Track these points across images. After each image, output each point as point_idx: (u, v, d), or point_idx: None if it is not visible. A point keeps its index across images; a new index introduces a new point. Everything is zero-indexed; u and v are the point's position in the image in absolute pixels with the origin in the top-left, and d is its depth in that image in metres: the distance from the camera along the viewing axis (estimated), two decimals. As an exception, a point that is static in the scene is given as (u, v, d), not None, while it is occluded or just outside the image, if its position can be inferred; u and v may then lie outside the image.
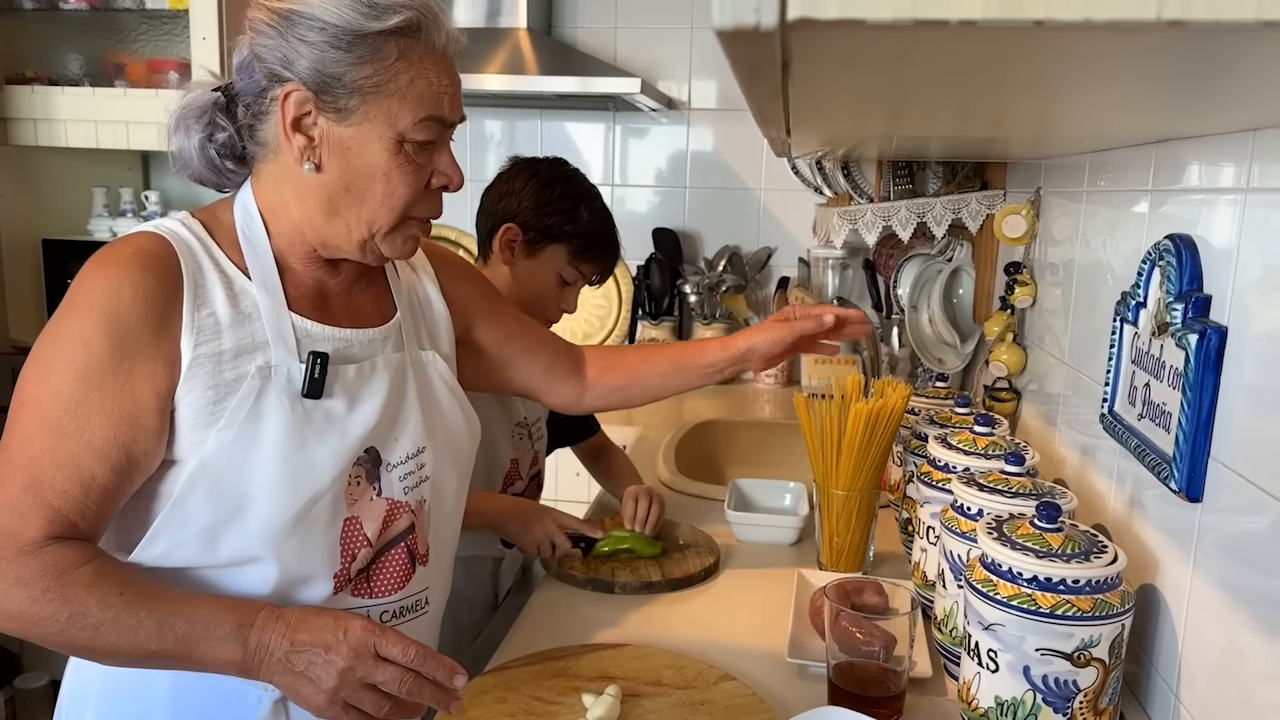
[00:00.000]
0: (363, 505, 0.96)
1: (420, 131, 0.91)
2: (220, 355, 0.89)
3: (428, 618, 1.05)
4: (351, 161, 0.91)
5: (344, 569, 0.95)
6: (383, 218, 0.93)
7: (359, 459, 0.95)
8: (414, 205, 0.94)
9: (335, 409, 0.94)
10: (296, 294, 0.97)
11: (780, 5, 0.37)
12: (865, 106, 0.81)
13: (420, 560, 1.02)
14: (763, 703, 1.01)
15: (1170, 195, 1.04)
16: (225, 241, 0.95)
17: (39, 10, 2.60)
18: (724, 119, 2.76)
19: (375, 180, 0.91)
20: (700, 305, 2.71)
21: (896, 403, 1.33)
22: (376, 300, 1.04)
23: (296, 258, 0.97)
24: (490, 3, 2.60)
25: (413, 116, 0.90)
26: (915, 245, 2.23)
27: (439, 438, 1.04)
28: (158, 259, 0.89)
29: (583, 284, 1.52)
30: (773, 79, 0.54)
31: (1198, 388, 0.87)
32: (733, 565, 1.42)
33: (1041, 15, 0.37)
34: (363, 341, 0.99)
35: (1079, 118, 0.86)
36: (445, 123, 0.93)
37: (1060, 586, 0.86)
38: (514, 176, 1.50)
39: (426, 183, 0.94)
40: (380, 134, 0.90)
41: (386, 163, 0.91)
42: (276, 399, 0.91)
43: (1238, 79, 0.55)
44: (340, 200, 0.92)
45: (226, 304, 0.91)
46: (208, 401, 0.88)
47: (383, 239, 0.95)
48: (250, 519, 0.90)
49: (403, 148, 0.91)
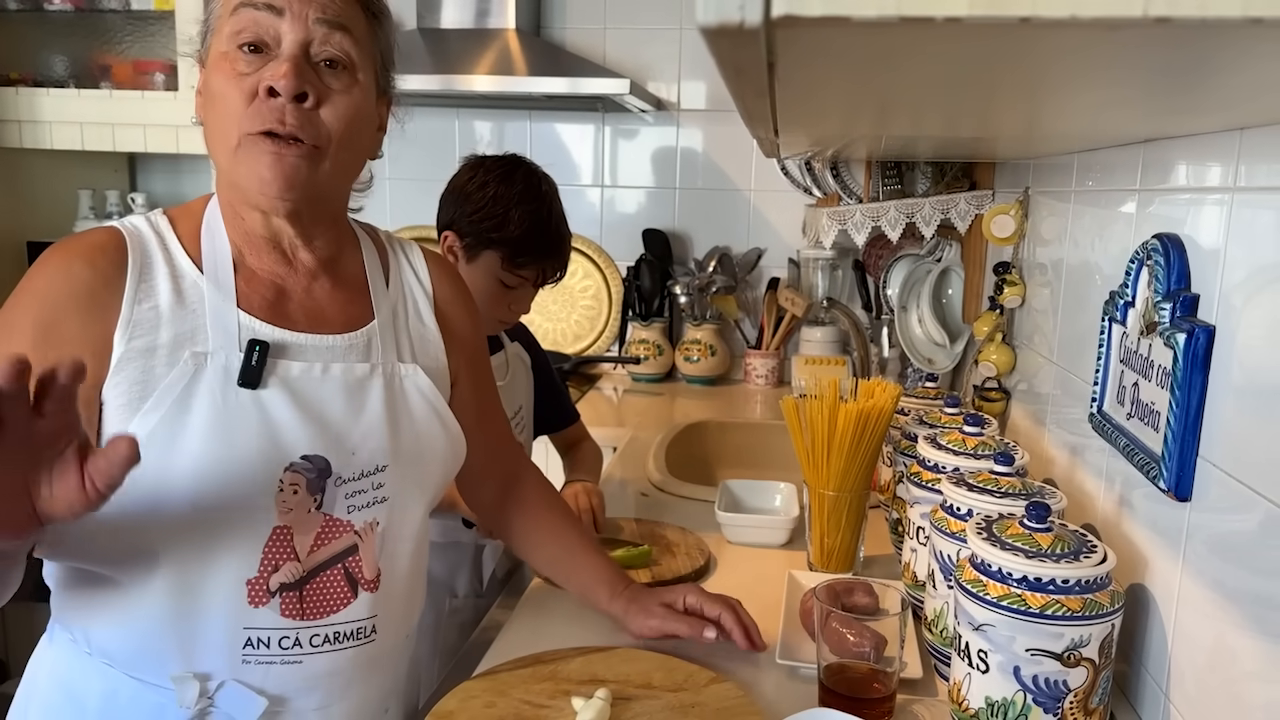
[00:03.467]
0: (297, 516, 0.90)
1: (236, 31, 0.88)
2: (155, 349, 0.87)
3: (374, 648, 0.98)
4: (208, 97, 0.91)
5: (260, 578, 0.90)
6: (227, 135, 0.89)
7: (298, 466, 0.90)
8: (249, 116, 0.88)
9: (272, 406, 0.89)
10: (249, 291, 0.93)
11: (765, 2, 0.37)
12: (852, 105, 0.81)
13: (366, 586, 0.95)
14: (753, 704, 1.01)
15: (1158, 195, 1.04)
16: (187, 236, 0.94)
17: (23, 11, 2.58)
18: (713, 120, 2.76)
19: (212, 101, 0.90)
20: (690, 306, 2.71)
21: (886, 403, 1.33)
22: (345, 304, 0.99)
23: (250, 249, 0.95)
24: (479, 3, 2.59)
25: (228, 13, 0.89)
26: (904, 245, 2.23)
27: (405, 458, 0.97)
28: (100, 250, 0.88)
29: (529, 286, 1.49)
30: (758, 77, 0.53)
31: (1186, 387, 0.87)
32: (723, 567, 1.42)
33: (1027, 12, 0.37)
34: (318, 347, 0.94)
35: (1066, 117, 0.86)
36: (258, 7, 0.88)
37: (1050, 586, 0.86)
38: (458, 178, 1.49)
39: (255, 92, 0.88)
40: (214, 56, 0.90)
41: (214, 80, 0.90)
42: (208, 387, 0.87)
43: (1224, 77, 0.55)
44: (208, 137, 0.92)
45: (171, 296, 0.89)
46: (135, 396, 0.86)
47: (235, 168, 0.90)
48: (159, 510, 0.85)
49: (227, 59, 0.89)
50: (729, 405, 2.52)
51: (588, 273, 2.85)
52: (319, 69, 0.90)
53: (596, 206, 2.85)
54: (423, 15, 2.62)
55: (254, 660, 0.91)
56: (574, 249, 2.80)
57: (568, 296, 2.87)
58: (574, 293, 2.86)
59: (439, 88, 2.39)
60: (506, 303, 1.47)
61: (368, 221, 1.13)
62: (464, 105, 2.83)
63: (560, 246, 1.49)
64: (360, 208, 1.10)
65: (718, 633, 1.11)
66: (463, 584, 1.56)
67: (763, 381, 2.71)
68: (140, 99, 2.49)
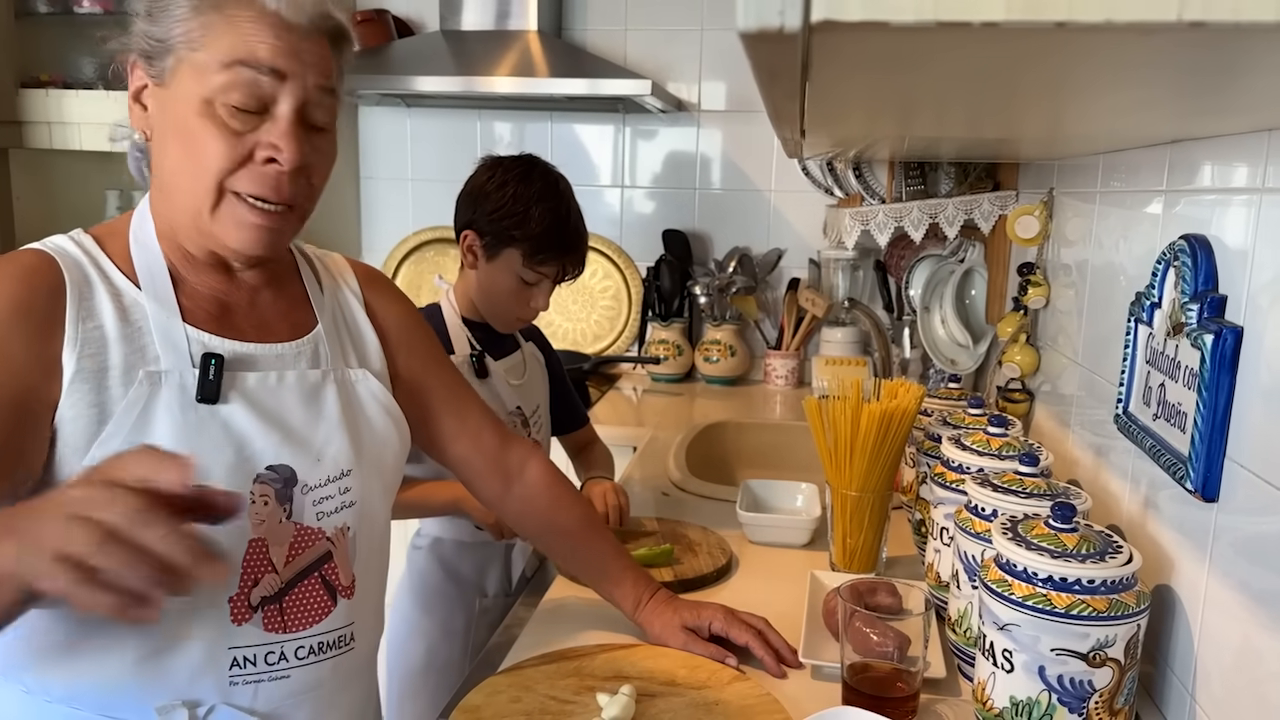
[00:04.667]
0: (270, 528, 0.89)
1: (231, 89, 0.83)
2: (107, 371, 0.83)
3: (354, 656, 0.98)
4: (167, 126, 0.86)
5: (241, 594, 0.88)
6: (198, 190, 0.85)
7: (265, 477, 0.89)
8: (229, 175, 0.85)
9: (233, 420, 0.88)
10: (192, 305, 0.90)
11: (804, 7, 0.37)
12: (883, 108, 0.82)
13: (343, 593, 0.95)
14: (776, 703, 1.01)
15: (1184, 195, 1.04)
16: (117, 254, 0.90)
17: (53, 14, 2.62)
18: (734, 120, 2.77)
19: (184, 144, 0.85)
20: (710, 307, 2.72)
21: (909, 404, 1.33)
22: (287, 312, 0.97)
23: (184, 264, 0.91)
24: (500, 5, 2.60)
25: (218, 64, 0.83)
26: (927, 246, 2.23)
27: (368, 461, 0.97)
28: (34, 270, 0.84)
29: (549, 283, 1.50)
30: (792, 81, 0.54)
31: (1213, 388, 0.87)
32: (745, 566, 1.42)
33: (1063, 17, 0.37)
34: (269, 356, 0.93)
35: (1096, 118, 0.86)
36: (262, 71, 0.83)
37: (1075, 587, 0.86)
38: (475, 179, 1.51)
39: (250, 154, 0.85)
40: (189, 93, 0.84)
41: (192, 123, 0.84)
42: (167, 406, 0.84)
43: (1256, 80, 0.56)
44: (166, 178, 0.87)
45: (115, 317, 0.85)
46: (92, 420, 0.82)
47: (210, 219, 0.86)
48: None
49: (213, 109, 0.83)
50: (749, 406, 2.53)
51: (607, 273, 2.86)
52: (309, 133, 0.88)
53: (616, 207, 2.85)
54: (445, 17, 2.64)
55: (241, 680, 0.89)
56: (594, 249, 2.83)
57: (587, 297, 2.88)
58: (594, 293, 2.87)
59: (460, 89, 2.41)
60: (526, 299, 1.49)
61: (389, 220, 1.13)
62: (485, 106, 2.85)
63: (580, 243, 1.51)
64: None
65: (739, 660, 1.10)
66: (493, 584, 1.57)
67: (782, 382, 2.71)
68: (167, 100, 2.51)
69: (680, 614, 1.15)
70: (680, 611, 1.15)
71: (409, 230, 2.93)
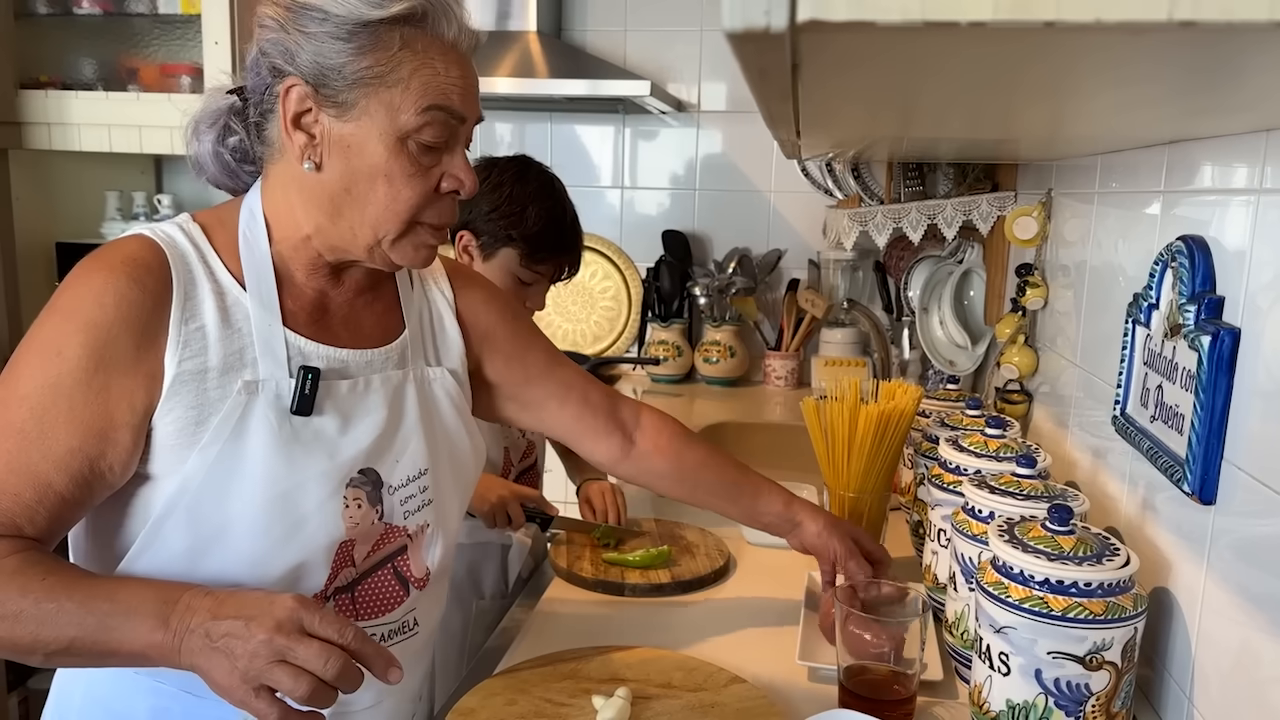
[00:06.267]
0: (363, 529, 0.93)
1: (424, 127, 0.86)
2: (206, 372, 0.86)
3: (417, 639, 1.02)
4: (351, 160, 0.86)
5: (325, 590, 0.92)
6: (388, 222, 0.88)
7: (356, 481, 0.92)
8: (421, 210, 0.89)
9: (326, 428, 0.90)
10: (294, 307, 0.93)
11: (790, 7, 0.37)
12: (875, 108, 0.81)
13: (416, 584, 0.99)
14: (773, 705, 1.01)
15: (1183, 196, 1.03)
16: (224, 248, 0.91)
17: (53, 15, 2.62)
18: (734, 121, 2.76)
19: (377, 181, 0.87)
20: (710, 307, 2.71)
21: (907, 405, 1.32)
22: (382, 315, 1.00)
23: (299, 265, 0.93)
24: (500, 5, 2.60)
25: (415, 108, 0.85)
26: (926, 247, 2.22)
27: (443, 459, 1.00)
28: (146, 268, 0.85)
29: (545, 282, 1.52)
30: (782, 81, 0.54)
31: (1211, 390, 0.86)
32: (742, 567, 1.42)
33: (1051, 16, 0.37)
34: (360, 362, 0.95)
35: (1090, 119, 0.85)
36: (454, 116, 0.88)
37: (1072, 589, 0.86)
38: None
39: (436, 186, 0.89)
40: (381, 130, 0.85)
41: (388, 162, 0.86)
42: (263, 416, 0.87)
43: (1250, 79, 0.55)
44: (342, 202, 0.88)
45: (216, 316, 0.87)
46: (189, 421, 0.85)
47: (391, 246, 0.90)
48: (232, 543, 0.86)
49: (406, 146, 0.86)
50: (748, 406, 2.52)
51: (607, 274, 2.86)
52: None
53: (616, 208, 2.85)
54: (445, 18, 2.64)
55: None
56: (594, 250, 2.83)
57: (587, 297, 2.87)
58: (593, 294, 2.87)
59: (461, 90, 2.40)
60: (523, 299, 1.50)
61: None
62: (485, 107, 2.83)
63: (576, 242, 1.53)
64: None
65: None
66: (489, 585, 1.57)
67: (782, 383, 2.70)
68: (167, 102, 2.51)
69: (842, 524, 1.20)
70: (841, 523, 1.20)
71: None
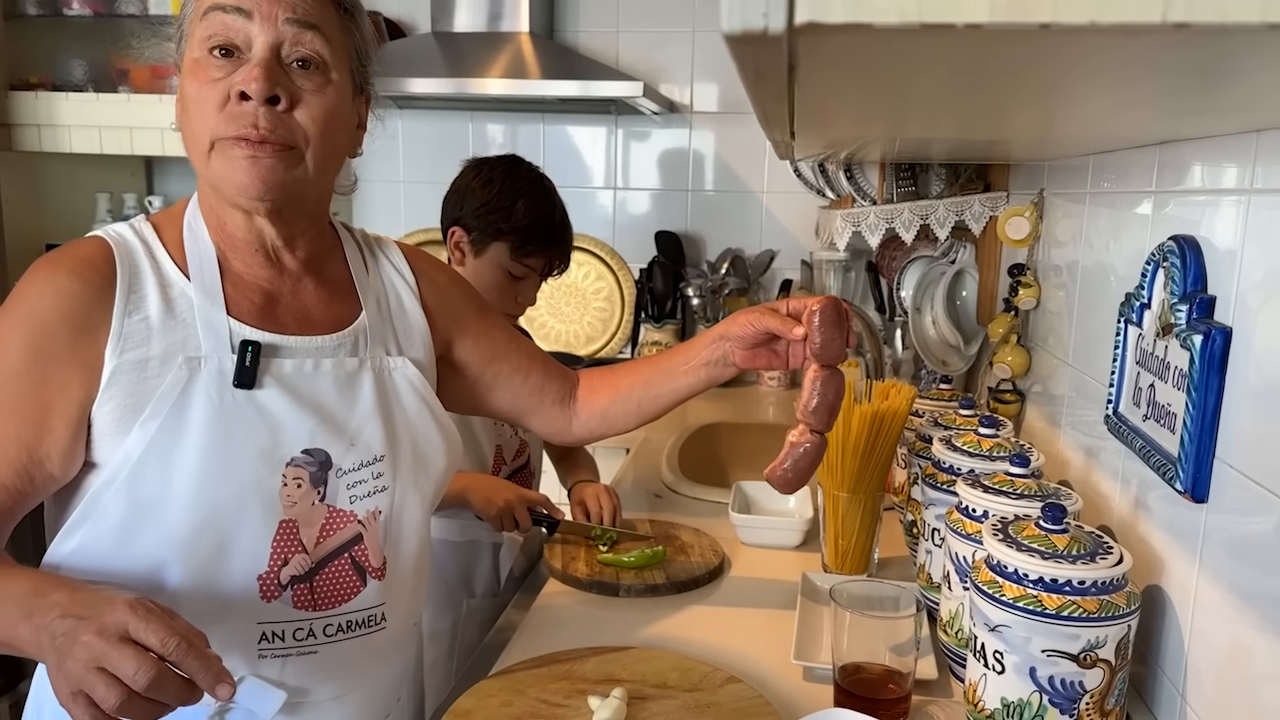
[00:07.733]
0: (301, 510, 0.93)
1: (207, 33, 0.87)
2: (146, 362, 0.87)
3: (384, 636, 1.01)
4: (183, 101, 0.90)
5: (271, 572, 0.91)
6: (194, 145, 0.89)
7: (300, 460, 0.92)
8: (222, 121, 0.87)
9: (269, 404, 0.91)
10: (237, 295, 0.93)
11: (788, 9, 0.37)
12: (870, 108, 0.82)
13: (374, 574, 0.98)
14: (768, 705, 1.01)
15: (1174, 196, 1.04)
16: (171, 242, 0.93)
17: (43, 16, 2.61)
18: (726, 122, 2.77)
19: (187, 106, 0.89)
20: (703, 308, 2.72)
21: (900, 405, 1.33)
22: (330, 304, 1.00)
23: (235, 253, 0.94)
24: (492, 6, 2.60)
25: (199, 17, 0.88)
26: (918, 247, 2.23)
27: (404, 448, 1.00)
28: (90, 263, 0.88)
29: (536, 277, 1.54)
30: (779, 82, 0.54)
31: (1202, 388, 0.87)
32: (737, 568, 1.42)
33: (1047, 18, 0.37)
34: (309, 348, 0.95)
35: (1083, 120, 0.86)
36: (228, 11, 0.87)
37: (1066, 588, 0.86)
38: (461, 178, 1.55)
39: (227, 98, 0.87)
40: (187, 57, 0.90)
41: (184, 83, 0.89)
42: (204, 390, 0.88)
43: (1242, 81, 0.56)
44: (186, 142, 0.91)
45: (160, 307, 0.89)
46: (128, 408, 0.86)
47: (216, 167, 0.89)
48: (168, 517, 0.87)
49: (201, 65, 0.88)
50: (742, 407, 2.52)
51: (600, 274, 2.86)
52: (291, 70, 0.89)
53: (609, 208, 2.85)
54: (436, 19, 2.64)
55: (270, 654, 0.92)
56: (587, 250, 2.83)
57: (580, 298, 2.87)
58: (586, 294, 2.87)
59: (452, 91, 2.40)
60: (514, 294, 1.52)
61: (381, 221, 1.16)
62: (477, 108, 2.85)
63: (565, 236, 1.55)
64: (337, 212, 1.10)
65: (806, 332, 1.02)
66: (480, 584, 1.57)
67: (775, 384, 2.71)
68: (158, 103, 2.51)
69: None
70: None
71: (401, 232, 2.92)
